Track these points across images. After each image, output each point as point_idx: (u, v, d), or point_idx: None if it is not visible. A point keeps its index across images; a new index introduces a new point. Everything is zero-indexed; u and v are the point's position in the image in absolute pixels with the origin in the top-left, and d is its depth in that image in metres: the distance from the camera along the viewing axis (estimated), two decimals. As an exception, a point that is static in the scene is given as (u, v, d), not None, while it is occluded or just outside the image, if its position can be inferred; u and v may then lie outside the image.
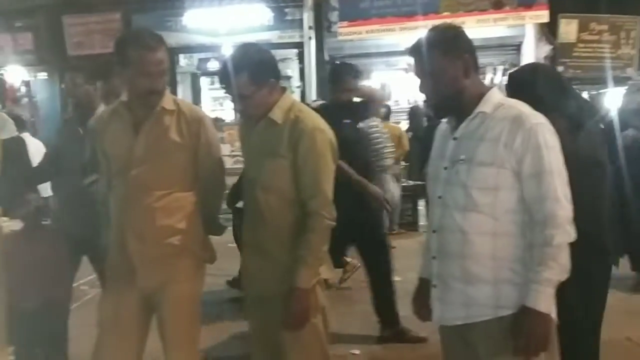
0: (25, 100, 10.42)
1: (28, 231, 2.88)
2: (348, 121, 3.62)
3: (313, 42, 9.51)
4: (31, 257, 2.77)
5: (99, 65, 3.09)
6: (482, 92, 1.76)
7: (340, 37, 9.50)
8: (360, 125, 4.02)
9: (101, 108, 3.10)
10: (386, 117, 7.58)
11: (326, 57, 9.82)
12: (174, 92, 1.92)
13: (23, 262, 2.68)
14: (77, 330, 3.21)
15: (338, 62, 7.47)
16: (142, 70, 2.13)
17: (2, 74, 10.48)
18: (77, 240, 2.99)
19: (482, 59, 1.85)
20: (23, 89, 10.60)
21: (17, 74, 10.48)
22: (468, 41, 1.78)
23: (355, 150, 3.53)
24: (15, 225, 2.94)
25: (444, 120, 1.89)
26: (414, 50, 1.78)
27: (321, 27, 9.55)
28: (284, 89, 2.23)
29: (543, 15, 8.92)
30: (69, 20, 9.85)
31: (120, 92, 2.41)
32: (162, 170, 2.23)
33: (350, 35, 9.45)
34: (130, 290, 2.25)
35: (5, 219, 2.48)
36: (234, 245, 2.36)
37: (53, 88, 10.49)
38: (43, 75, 10.70)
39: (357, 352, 3.65)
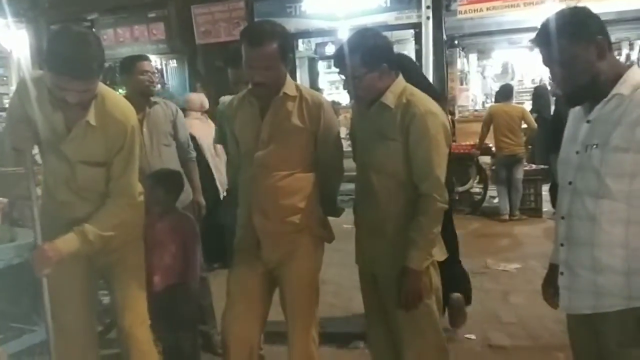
0: (159, 86, 11.23)
1: (161, 213, 2.89)
2: None
3: (430, 22, 9.29)
4: (162, 239, 2.81)
5: (228, 53, 3.23)
6: (619, 73, 1.64)
7: (459, 16, 9.17)
8: None
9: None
10: (508, 97, 7.30)
11: (444, 37, 9.57)
12: (293, 76, 1.99)
13: (156, 244, 2.74)
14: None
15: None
16: (246, 63, 2.25)
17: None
18: None
19: (617, 33, 1.73)
20: (157, 76, 11.45)
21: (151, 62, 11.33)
22: (598, 21, 1.65)
23: None
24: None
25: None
26: (540, 39, 1.68)
27: (440, 6, 9.27)
28: (397, 74, 2.24)
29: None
30: (197, 10, 10.40)
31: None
32: (284, 153, 2.33)
33: (471, 13, 9.10)
34: (256, 264, 2.40)
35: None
36: (350, 226, 2.43)
37: (182, 75, 11.23)
38: (173, 63, 11.49)
39: (472, 337, 3.61)
